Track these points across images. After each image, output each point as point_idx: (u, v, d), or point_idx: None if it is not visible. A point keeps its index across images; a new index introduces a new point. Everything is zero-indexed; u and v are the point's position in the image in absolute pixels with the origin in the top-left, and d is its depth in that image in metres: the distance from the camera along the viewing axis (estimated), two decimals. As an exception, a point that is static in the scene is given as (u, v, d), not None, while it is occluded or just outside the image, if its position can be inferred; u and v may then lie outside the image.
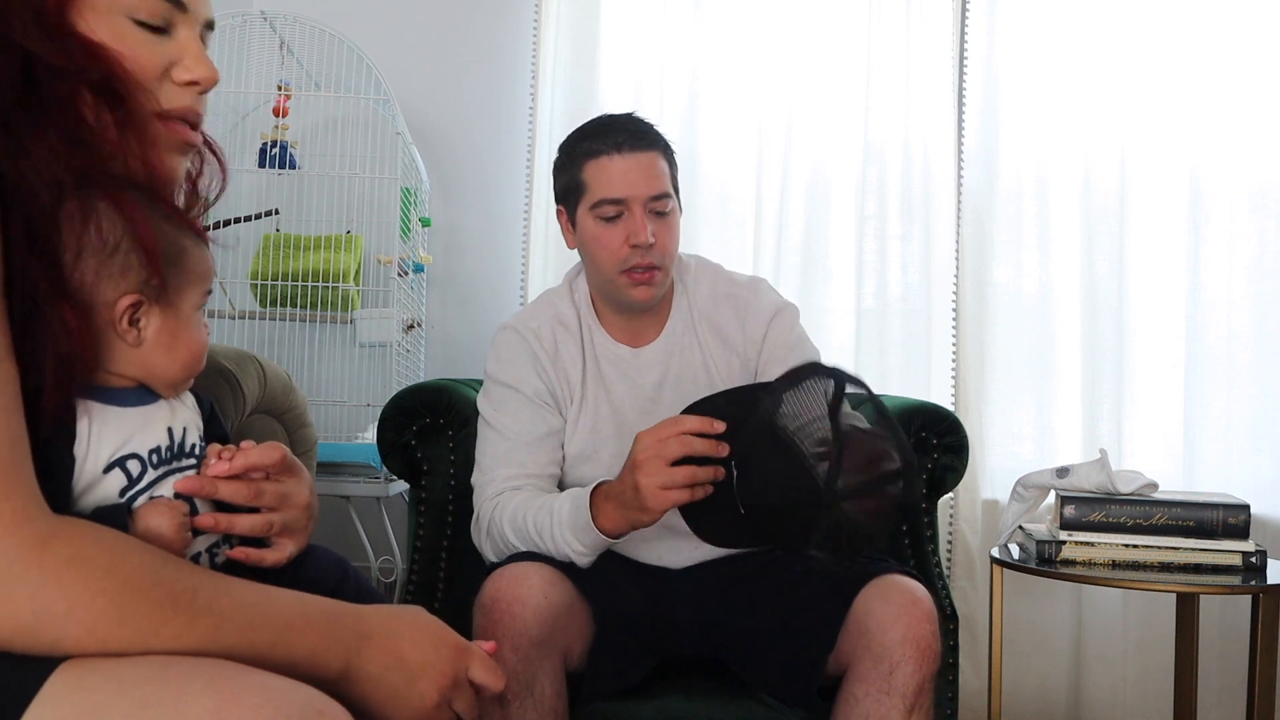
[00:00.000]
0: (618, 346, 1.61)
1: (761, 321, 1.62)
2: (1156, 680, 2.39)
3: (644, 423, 1.50)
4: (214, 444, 0.92)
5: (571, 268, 1.69)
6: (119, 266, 0.79)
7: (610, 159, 1.49)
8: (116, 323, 0.81)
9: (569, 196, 1.56)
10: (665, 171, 1.53)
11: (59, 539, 0.68)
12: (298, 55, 2.46)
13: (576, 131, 1.57)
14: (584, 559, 1.38)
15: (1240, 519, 1.87)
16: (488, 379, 1.60)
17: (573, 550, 1.37)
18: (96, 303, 0.80)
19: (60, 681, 0.65)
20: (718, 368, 1.61)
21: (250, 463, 0.89)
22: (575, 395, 1.58)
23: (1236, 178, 2.48)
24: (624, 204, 1.49)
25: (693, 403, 1.29)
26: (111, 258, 0.79)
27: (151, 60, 0.82)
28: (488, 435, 1.55)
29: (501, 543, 1.45)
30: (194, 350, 0.87)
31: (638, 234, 1.48)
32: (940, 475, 1.70)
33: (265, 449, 0.90)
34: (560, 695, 1.35)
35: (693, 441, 1.22)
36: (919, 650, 1.31)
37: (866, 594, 1.37)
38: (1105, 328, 2.51)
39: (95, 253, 0.78)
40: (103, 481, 0.80)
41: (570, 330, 1.61)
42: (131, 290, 0.81)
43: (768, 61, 2.59)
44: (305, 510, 0.93)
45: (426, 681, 0.83)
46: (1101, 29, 2.53)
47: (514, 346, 1.59)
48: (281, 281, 2.37)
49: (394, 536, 2.45)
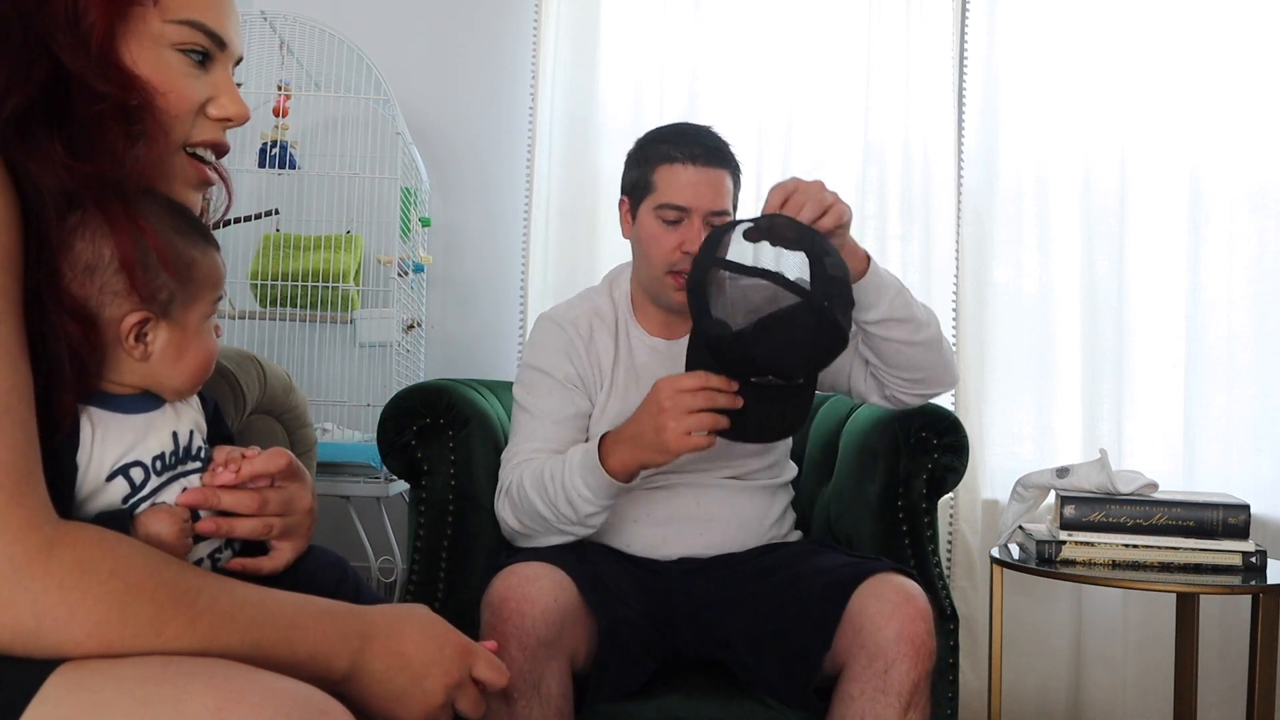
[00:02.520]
0: (652, 339, 1.68)
1: None
2: (1156, 680, 2.39)
3: None
4: (220, 446, 0.92)
5: (612, 269, 1.78)
6: (124, 284, 0.79)
7: (683, 168, 1.57)
8: (123, 340, 0.81)
9: (636, 191, 1.63)
10: (729, 190, 1.61)
11: (64, 544, 0.68)
12: (298, 55, 2.46)
13: (655, 132, 1.66)
14: (590, 507, 1.43)
15: (1240, 519, 1.87)
16: (522, 365, 1.68)
17: (580, 496, 1.42)
18: (102, 319, 0.80)
19: (60, 681, 0.65)
20: None
21: (255, 471, 0.88)
22: (605, 381, 1.65)
23: (1236, 178, 2.48)
24: (686, 212, 1.57)
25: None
26: (116, 276, 0.79)
27: (190, 93, 0.84)
28: (519, 417, 1.62)
29: (519, 498, 1.50)
30: (202, 361, 0.87)
31: (692, 242, 1.55)
32: (940, 475, 1.70)
33: (270, 456, 0.90)
34: (566, 696, 1.36)
35: (716, 397, 1.32)
36: (914, 648, 1.32)
37: (861, 593, 1.38)
38: (1105, 328, 2.51)
39: (100, 270, 0.78)
40: (106, 489, 0.80)
41: (605, 322, 1.68)
42: (137, 307, 0.81)
43: (768, 61, 2.59)
44: (307, 514, 0.94)
45: (432, 680, 0.84)
46: (1101, 29, 2.53)
47: (549, 334, 1.66)
48: (281, 281, 2.37)
49: (394, 536, 2.45)
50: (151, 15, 0.80)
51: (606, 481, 1.40)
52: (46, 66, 0.75)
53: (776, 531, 1.67)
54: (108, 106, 0.77)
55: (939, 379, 1.60)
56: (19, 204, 0.73)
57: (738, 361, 1.30)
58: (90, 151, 0.76)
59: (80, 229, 0.77)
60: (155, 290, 0.81)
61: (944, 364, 1.60)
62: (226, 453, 0.90)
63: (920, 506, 1.69)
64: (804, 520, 1.84)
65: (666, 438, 1.32)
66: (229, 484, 0.87)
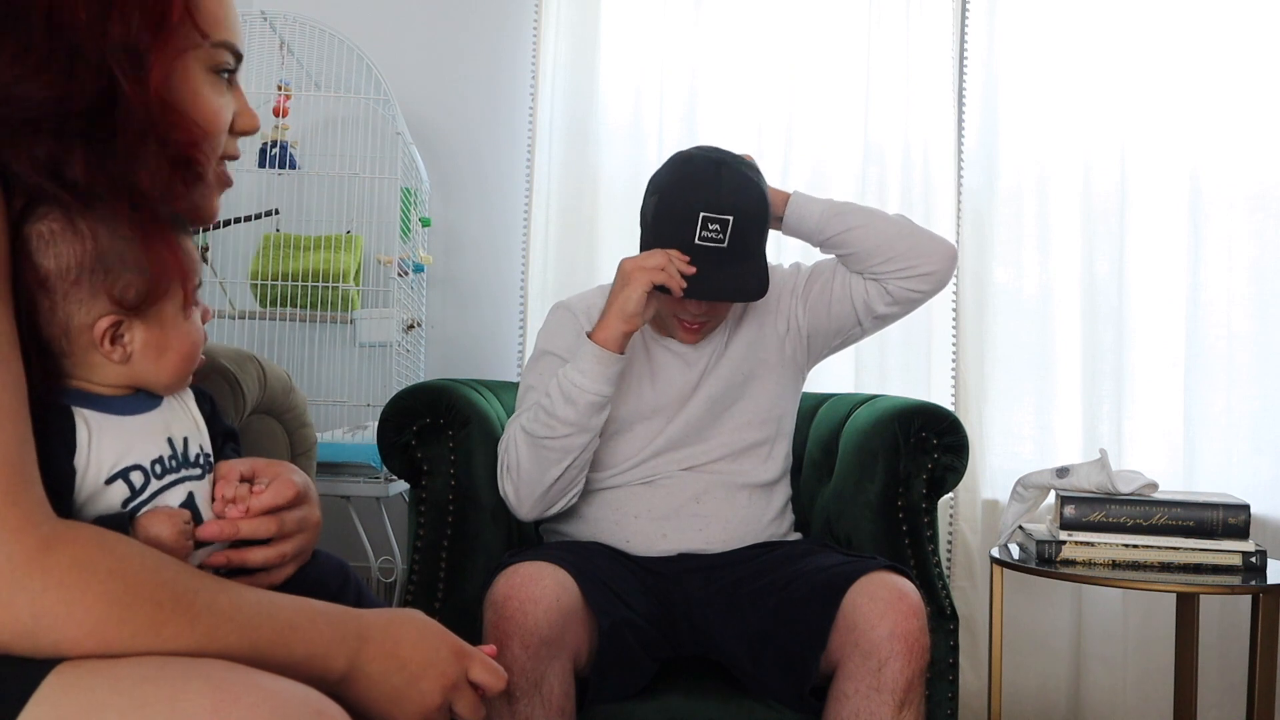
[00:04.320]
0: (664, 338, 1.71)
1: (788, 292, 1.74)
2: (1156, 680, 2.39)
3: (682, 410, 1.67)
4: (222, 463, 0.90)
5: None
6: (86, 290, 0.77)
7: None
8: (98, 345, 0.79)
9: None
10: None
11: (62, 543, 0.68)
12: (298, 55, 2.46)
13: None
14: (589, 395, 1.50)
15: (1240, 519, 1.87)
16: (535, 350, 1.72)
17: (576, 386, 1.49)
18: (72, 326, 0.78)
19: (57, 681, 0.65)
20: (764, 353, 1.71)
21: (264, 507, 0.87)
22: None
23: (1236, 178, 2.47)
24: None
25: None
26: (77, 284, 0.77)
27: (224, 114, 0.85)
28: (525, 397, 1.66)
29: (519, 441, 1.57)
30: (185, 353, 0.85)
31: (694, 310, 1.61)
32: (940, 475, 1.70)
33: (277, 489, 0.89)
34: (568, 695, 1.36)
35: (672, 264, 1.50)
36: (907, 645, 1.32)
37: (854, 592, 1.38)
38: (1105, 327, 2.50)
39: (60, 278, 0.76)
40: (105, 493, 0.79)
41: None
42: (106, 311, 0.79)
43: (768, 62, 2.59)
44: (315, 529, 0.94)
45: (428, 681, 0.84)
46: (1101, 29, 2.52)
47: (563, 321, 1.71)
48: (281, 281, 2.37)
49: (394, 536, 2.45)
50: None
51: (598, 352, 1.48)
52: (98, 82, 0.75)
53: (775, 529, 1.68)
54: (169, 157, 0.78)
55: (926, 255, 1.62)
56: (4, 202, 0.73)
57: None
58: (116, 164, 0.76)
59: (35, 240, 0.76)
60: (122, 290, 0.79)
61: (923, 240, 1.64)
62: (235, 487, 0.88)
63: (920, 506, 1.69)
64: (803, 520, 1.84)
65: (627, 275, 1.51)
66: (243, 518, 0.86)
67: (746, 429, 1.69)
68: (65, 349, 0.79)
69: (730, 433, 1.68)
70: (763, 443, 1.69)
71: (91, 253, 0.77)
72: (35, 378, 0.74)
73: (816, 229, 1.66)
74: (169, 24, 0.78)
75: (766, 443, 1.70)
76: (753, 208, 1.55)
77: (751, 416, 1.70)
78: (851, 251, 1.65)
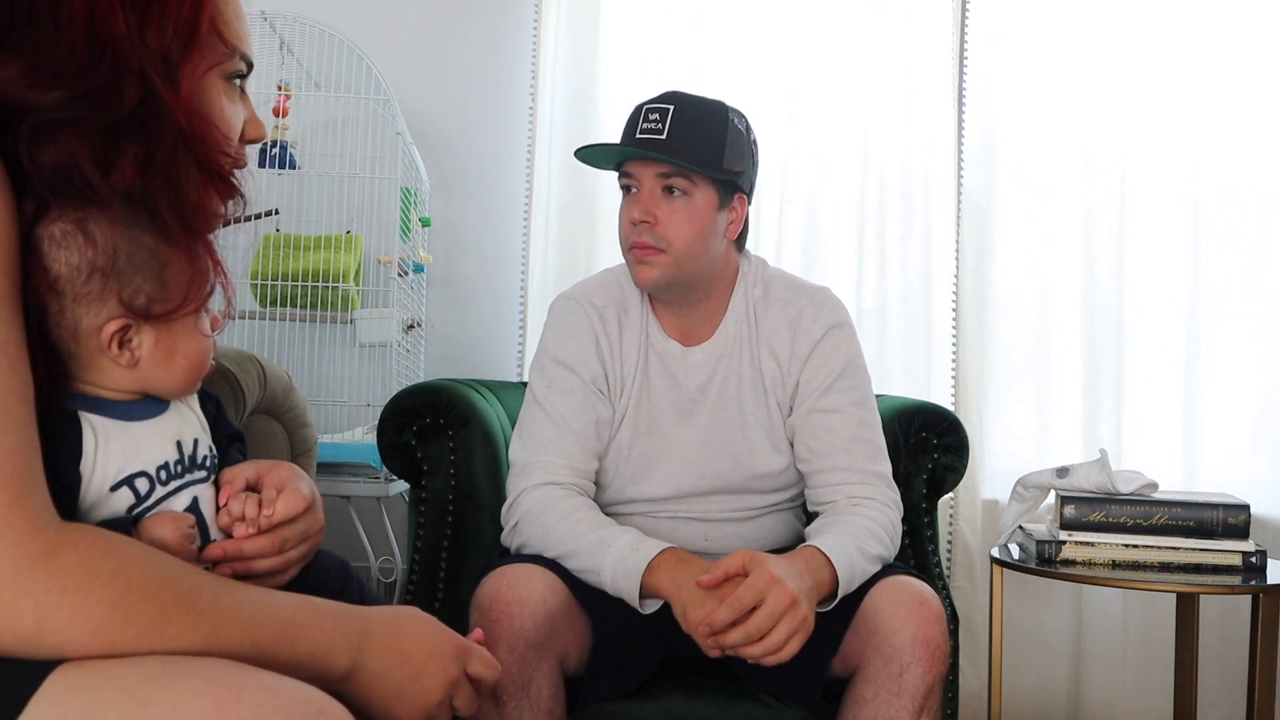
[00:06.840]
0: (668, 342, 1.57)
1: (810, 339, 1.56)
2: (1156, 680, 2.39)
3: (678, 426, 1.53)
4: (228, 469, 0.89)
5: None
6: (96, 293, 0.77)
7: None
8: (106, 348, 0.79)
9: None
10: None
11: (66, 546, 0.68)
12: (298, 55, 2.46)
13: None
14: (618, 591, 1.36)
15: (1240, 519, 1.87)
16: (544, 352, 1.56)
17: (611, 587, 1.35)
18: (81, 329, 0.78)
19: (59, 680, 0.65)
20: (763, 378, 1.56)
21: (277, 522, 0.88)
22: (625, 385, 1.55)
23: (1236, 178, 2.48)
24: (633, 178, 1.50)
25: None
26: (87, 286, 0.76)
27: (238, 123, 0.87)
28: (535, 415, 1.51)
29: (533, 538, 1.42)
30: (194, 360, 0.84)
31: (634, 211, 1.48)
32: (940, 475, 1.70)
33: (287, 501, 0.89)
34: (557, 698, 1.34)
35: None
36: (929, 651, 1.30)
37: (874, 595, 1.35)
38: (1105, 328, 2.51)
39: (69, 280, 0.76)
40: (110, 499, 0.79)
41: (633, 317, 1.57)
42: (115, 315, 0.78)
43: (767, 62, 2.59)
44: (319, 534, 0.94)
45: (431, 676, 0.84)
46: (1102, 30, 2.53)
47: (576, 321, 1.55)
48: (281, 281, 2.37)
49: (394, 536, 2.45)
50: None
51: (635, 589, 1.33)
52: (139, 91, 0.77)
53: (788, 539, 1.63)
54: (200, 165, 0.80)
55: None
56: (15, 204, 0.73)
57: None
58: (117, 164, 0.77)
59: (47, 242, 0.75)
60: (132, 294, 0.78)
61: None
62: (242, 501, 0.87)
63: (920, 506, 1.69)
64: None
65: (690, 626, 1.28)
66: (251, 536, 0.86)
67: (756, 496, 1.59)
68: (73, 351, 0.79)
69: (739, 497, 1.58)
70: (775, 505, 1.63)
71: (103, 255, 0.77)
72: (42, 381, 0.74)
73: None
74: (199, 35, 0.79)
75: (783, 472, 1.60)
76: (699, 111, 1.53)
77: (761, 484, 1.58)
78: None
